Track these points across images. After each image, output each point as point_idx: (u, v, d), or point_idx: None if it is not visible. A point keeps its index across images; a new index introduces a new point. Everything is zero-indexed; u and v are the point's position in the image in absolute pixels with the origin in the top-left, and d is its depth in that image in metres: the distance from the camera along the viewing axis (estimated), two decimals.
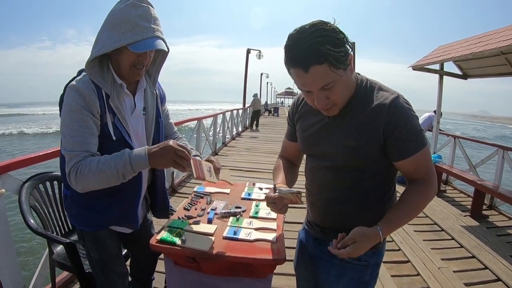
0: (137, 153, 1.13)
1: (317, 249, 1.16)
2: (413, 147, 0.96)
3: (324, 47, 0.82)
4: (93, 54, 1.14)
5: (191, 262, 1.11)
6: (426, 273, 2.55)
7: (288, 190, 1.01)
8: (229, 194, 1.63)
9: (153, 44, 1.14)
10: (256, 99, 14.54)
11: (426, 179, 1.00)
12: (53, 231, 1.80)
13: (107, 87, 1.19)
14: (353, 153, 0.99)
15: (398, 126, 0.94)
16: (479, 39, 4.04)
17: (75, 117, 1.13)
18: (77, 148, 1.13)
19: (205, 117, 7.26)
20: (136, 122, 1.33)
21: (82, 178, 1.12)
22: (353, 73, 0.98)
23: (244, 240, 1.16)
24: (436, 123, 5.44)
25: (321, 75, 0.86)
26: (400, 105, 0.96)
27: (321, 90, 0.90)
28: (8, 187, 1.74)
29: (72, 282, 2.17)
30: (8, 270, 1.74)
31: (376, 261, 1.10)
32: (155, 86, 1.41)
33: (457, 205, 4.47)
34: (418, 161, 0.97)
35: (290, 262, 2.42)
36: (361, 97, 0.99)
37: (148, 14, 1.13)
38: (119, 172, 1.12)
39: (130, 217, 1.37)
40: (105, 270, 1.44)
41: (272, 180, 1.22)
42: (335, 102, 0.94)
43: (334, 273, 1.09)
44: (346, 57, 0.88)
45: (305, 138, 1.12)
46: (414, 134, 0.96)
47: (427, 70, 5.17)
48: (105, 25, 1.14)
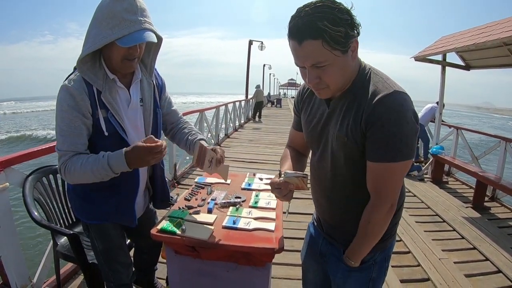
0: (115, 158, 1.16)
1: (327, 248, 1.14)
2: (378, 155, 0.88)
3: (321, 22, 0.80)
4: (83, 51, 1.15)
5: (191, 251, 1.14)
6: (426, 264, 2.56)
7: (294, 173, 0.99)
8: (230, 185, 1.65)
9: (142, 37, 1.14)
10: (258, 91, 14.43)
11: (375, 194, 0.93)
12: (56, 223, 1.82)
13: (98, 83, 1.21)
14: (345, 148, 0.94)
15: (374, 125, 0.86)
16: (482, 30, 3.99)
17: (65, 117, 1.17)
18: (65, 148, 1.19)
19: (207, 109, 7.26)
20: (134, 114, 1.34)
21: (70, 175, 1.19)
22: (356, 61, 0.92)
23: (243, 230, 1.17)
24: (438, 114, 5.41)
25: (314, 51, 0.83)
26: (388, 104, 0.85)
27: (313, 67, 0.87)
28: (12, 180, 1.76)
29: (76, 274, 2.20)
30: (13, 263, 1.77)
31: (384, 256, 1.08)
32: (151, 76, 1.41)
33: (459, 196, 4.46)
34: (377, 172, 0.90)
35: (290, 252, 2.49)
36: (359, 88, 0.92)
37: (134, 6, 1.12)
38: (101, 175, 1.18)
39: (126, 213, 1.38)
40: (109, 260, 1.47)
41: (275, 171, 1.20)
42: (327, 84, 0.89)
43: (341, 274, 1.08)
44: (347, 40, 0.83)
45: (308, 132, 1.09)
46: (387, 141, 0.86)
47: (430, 61, 5.11)
48: (93, 21, 1.15)
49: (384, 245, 1.05)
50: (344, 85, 0.93)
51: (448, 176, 5.49)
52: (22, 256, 1.86)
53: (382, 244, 1.03)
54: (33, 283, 1.89)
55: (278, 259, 1.15)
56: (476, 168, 4.48)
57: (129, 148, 1.17)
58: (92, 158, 1.18)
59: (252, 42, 16.94)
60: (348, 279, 1.07)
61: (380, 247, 1.04)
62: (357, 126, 0.90)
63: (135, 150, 1.14)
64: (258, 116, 14.18)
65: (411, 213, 3.63)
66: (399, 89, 0.88)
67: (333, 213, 1.09)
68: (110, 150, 1.22)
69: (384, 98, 0.86)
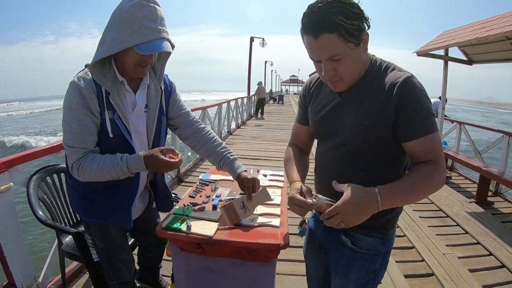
0: (135, 163, 1.19)
1: (326, 238, 1.14)
2: (423, 128, 0.91)
3: (336, 17, 0.83)
4: (99, 54, 1.14)
5: (196, 248, 1.14)
6: (430, 259, 2.55)
7: (326, 199, 0.96)
8: (234, 181, 1.63)
9: (160, 46, 1.13)
10: (260, 87, 14.36)
11: (436, 162, 0.92)
12: (61, 222, 1.83)
13: (107, 84, 1.20)
14: (365, 132, 0.95)
15: (409, 104, 0.90)
16: (484, 24, 3.96)
17: (75, 114, 1.17)
18: (76, 145, 1.19)
19: (210, 106, 7.26)
20: (137, 119, 1.34)
21: (84, 174, 1.20)
22: (366, 53, 0.97)
23: (248, 226, 1.17)
24: (441, 109, 5.39)
25: (330, 44, 0.86)
26: (413, 84, 0.92)
27: (329, 60, 0.90)
28: (16, 180, 1.77)
29: (81, 272, 2.21)
30: (18, 262, 1.77)
31: (387, 249, 1.08)
32: (160, 82, 1.40)
33: (462, 191, 4.45)
34: (427, 145, 0.92)
35: (295, 248, 2.49)
36: (374, 76, 0.96)
37: (155, 14, 1.12)
38: (118, 176, 1.20)
39: (123, 215, 1.38)
40: (109, 258, 1.47)
41: (278, 167, 1.21)
42: (342, 76, 0.93)
43: (344, 263, 1.08)
44: (359, 32, 0.87)
45: (317, 119, 1.09)
46: (424, 116, 0.91)
47: (432, 56, 5.09)
48: (111, 24, 1.13)
49: (387, 234, 1.06)
50: (357, 77, 0.97)
51: (451, 171, 5.48)
52: (27, 256, 1.86)
53: (386, 231, 1.05)
54: (39, 282, 1.89)
55: (282, 255, 1.15)
56: (480, 163, 4.46)
57: (148, 154, 1.19)
58: (109, 160, 1.19)
59: (253, 39, 16.90)
60: (352, 268, 1.07)
61: (383, 234, 1.05)
62: (385, 111, 0.93)
63: (153, 160, 1.18)
64: (260, 113, 14.15)
65: (415, 208, 3.63)
66: (411, 74, 0.95)
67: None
68: (114, 151, 1.23)
69: (408, 79, 0.91)
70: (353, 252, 1.06)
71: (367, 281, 1.08)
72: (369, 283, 1.09)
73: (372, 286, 1.11)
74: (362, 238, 1.05)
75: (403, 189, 0.91)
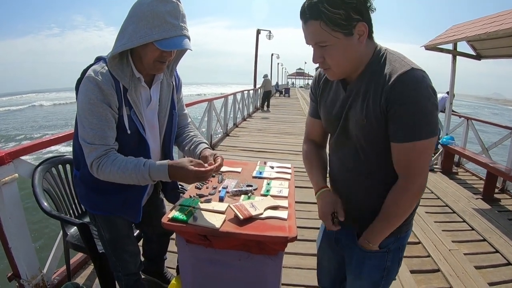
0: (158, 171, 1.15)
1: (342, 234, 1.12)
2: (403, 134, 0.86)
3: (322, 4, 0.84)
4: (118, 47, 1.11)
5: (202, 240, 1.12)
6: (436, 255, 2.54)
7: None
8: (241, 173, 1.63)
9: (181, 44, 1.11)
10: (266, 80, 14.26)
11: (405, 175, 0.91)
12: (66, 213, 1.82)
13: (125, 80, 1.18)
14: (364, 130, 0.94)
15: (395, 104, 0.85)
16: (493, 18, 3.90)
17: (95, 110, 1.13)
18: (97, 142, 1.15)
19: (216, 98, 7.24)
20: (152, 114, 1.33)
21: (103, 174, 1.17)
22: (370, 45, 0.93)
23: (255, 218, 1.15)
24: (449, 104, 5.33)
25: (316, 31, 0.88)
26: (407, 81, 0.84)
27: (317, 47, 0.91)
28: (20, 171, 1.76)
29: (86, 264, 2.22)
30: (23, 253, 1.77)
31: (398, 245, 1.06)
32: (172, 77, 1.39)
33: (469, 187, 4.41)
34: (403, 153, 0.89)
35: (301, 241, 2.48)
36: (375, 68, 0.92)
37: (177, 10, 1.10)
38: (139, 181, 1.17)
39: (132, 209, 1.38)
40: (116, 249, 1.46)
41: (283, 160, 1.20)
42: (330, 65, 0.92)
43: (355, 261, 1.08)
44: (348, 22, 0.85)
45: (327, 117, 1.08)
46: (410, 120, 0.85)
47: (440, 50, 5.03)
48: (131, 17, 1.10)
49: (400, 231, 1.02)
50: (352, 69, 0.94)
51: (458, 166, 5.44)
52: (32, 247, 1.86)
53: (398, 229, 1.01)
54: (43, 274, 1.89)
55: (288, 249, 1.14)
56: (487, 159, 4.41)
57: (174, 164, 1.16)
58: (131, 164, 1.16)
59: (260, 31, 16.81)
60: (364, 267, 1.06)
61: (397, 233, 1.01)
62: (377, 107, 0.90)
63: (182, 171, 1.14)
64: (266, 106, 14.10)
65: (421, 204, 3.59)
66: (416, 67, 0.87)
67: (352, 192, 1.06)
68: (130, 147, 1.22)
69: (402, 76, 0.85)
70: (362, 250, 1.04)
71: (379, 278, 1.07)
72: (382, 280, 1.07)
73: (385, 283, 1.09)
74: None
75: (381, 226, 0.97)
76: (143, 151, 1.27)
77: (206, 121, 6.46)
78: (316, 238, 1.35)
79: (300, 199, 3.18)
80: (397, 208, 0.93)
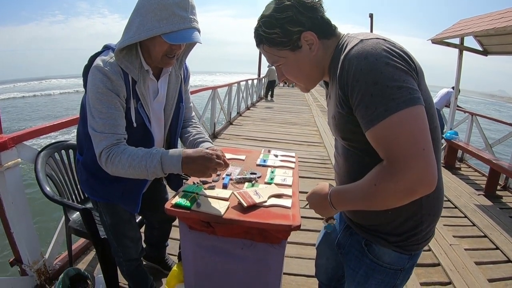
0: (170, 160, 1.11)
1: (347, 240, 1.05)
2: (370, 115, 0.70)
3: (260, 28, 0.86)
4: (125, 40, 1.08)
5: (205, 227, 1.12)
6: (437, 249, 2.54)
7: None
8: (245, 160, 1.62)
9: (190, 37, 1.07)
10: (271, 69, 13.98)
11: (388, 158, 0.70)
12: (69, 198, 1.83)
13: (134, 72, 1.16)
14: (339, 131, 0.87)
15: (348, 84, 0.73)
16: (502, 14, 3.84)
17: (104, 99, 1.11)
18: (107, 130, 1.12)
19: (220, 87, 7.21)
20: (159, 107, 1.32)
21: (112, 166, 1.13)
22: (329, 45, 0.86)
23: (259, 206, 1.15)
24: (454, 99, 5.29)
25: (265, 54, 0.91)
26: (355, 55, 0.72)
27: (277, 67, 0.92)
28: (23, 156, 1.75)
29: (88, 249, 2.23)
30: (25, 238, 1.78)
31: (413, 263, 0.96)
32: (180, 69, 1.36)
33: (471, 183, 4.40)
34: (377, 135, 0.71)
35: (302, 231, 2.49)
36: (335, 65, 0.82)
37: (186, 2, 1.06)
38: (148, 172, 1.12)
39: (131, 199, 1.37)
40: (117, 235, 1.47)
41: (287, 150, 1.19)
42: (292, 80, 0.94)
43: (362, 273, 0.99)
44: (289, 37, 0.83)
45: (328, 121, 1.04)
46: (370, 96, 0.69)
47: (447, 44, 4.96)
48: (139, 9, 1.07)
49: (415, 249, 0.92)
50: (318, 76, 0.93)
51: (460, 162, 5.44)
52: (34, 232, 1.87)
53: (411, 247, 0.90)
54: (45, 259, 1.91)
55: (290, 238, 1.13)
56: (490, 156, 4.39)
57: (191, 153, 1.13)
58: (141, 154, 1.12)
59: None
60: (371, 280, 0.98)
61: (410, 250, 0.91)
62: (337, 101, 0.81)
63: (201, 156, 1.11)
64: (270, 95, 14.06)
65: None
66: (369, 37, 0.75)
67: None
68: (136, 140, 1.19)
69: (349, 52, 0.74)
70: (374, 263, 0.95)
71: None
72: None
73: None
74: (386, 251, 0.92)
75: (352, 196, 0.81)
76: (148, 144, 1.24)
77: (209, 110, 6.46)
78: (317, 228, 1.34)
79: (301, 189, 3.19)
80: (374, 190, 0.73)
